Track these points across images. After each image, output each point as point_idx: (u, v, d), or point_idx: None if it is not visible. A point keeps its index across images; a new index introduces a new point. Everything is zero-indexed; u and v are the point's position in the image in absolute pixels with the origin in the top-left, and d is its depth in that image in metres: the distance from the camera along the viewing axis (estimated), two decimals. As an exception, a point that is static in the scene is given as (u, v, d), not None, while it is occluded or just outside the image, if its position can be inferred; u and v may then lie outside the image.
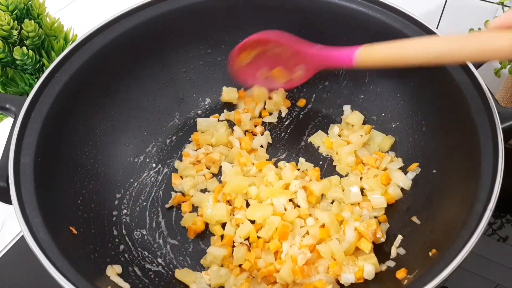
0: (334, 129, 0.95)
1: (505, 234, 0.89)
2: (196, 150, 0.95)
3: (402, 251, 0.77)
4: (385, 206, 0.84)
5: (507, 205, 0.93)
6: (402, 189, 0.85)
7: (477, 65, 0.78)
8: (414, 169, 0.86)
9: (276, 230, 0.80)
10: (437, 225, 0.74)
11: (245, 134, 0.96)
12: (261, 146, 0.94)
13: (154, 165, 0.93)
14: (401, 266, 0.73)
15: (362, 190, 0.86)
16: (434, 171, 0.82)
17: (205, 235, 0.84)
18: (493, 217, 0.87)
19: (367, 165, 0.90)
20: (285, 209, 0.83)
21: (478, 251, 0.85)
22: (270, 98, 1.01)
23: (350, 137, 0.92)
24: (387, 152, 0.92)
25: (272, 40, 0.86)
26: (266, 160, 0.92)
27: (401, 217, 0.82)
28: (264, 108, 1.00)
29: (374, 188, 0.85)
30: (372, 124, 0.95)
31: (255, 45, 0.87)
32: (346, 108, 0.98)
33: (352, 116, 0.96)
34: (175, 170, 0.93)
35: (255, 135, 0.96)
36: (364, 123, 0.96)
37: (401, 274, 0.71)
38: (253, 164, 0.90)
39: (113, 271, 0.73)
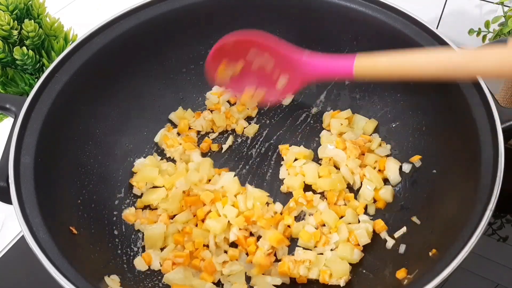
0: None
1: (505, 234, 0.89)
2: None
3: (402, 248, 0.77)
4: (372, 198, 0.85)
5: (507, 205, 0.93)
6: (400, 190, 0.86)
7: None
8: (416, 161, 0.86)
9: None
10: (437, 225, 0.74)
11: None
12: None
13: (154, 165, 0.93)
14: (401, 266, 0.73)
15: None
16: (434, 171, 0.82)
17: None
18: (493, 217, 0.87)
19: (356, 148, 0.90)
20: None
21: (478, 251, 0.85)
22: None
23: (331, 123, 0.95)
24: (371, 135, 0.94)
25: (253, 41, 0.77)
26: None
27: (401, 217, 0.82)
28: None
29: (372, 180, 0.86)
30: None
31: (233, 51, 0.79)
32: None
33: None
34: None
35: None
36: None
37: (401, 274, 0.71)
38: (180, 144, 0.93)
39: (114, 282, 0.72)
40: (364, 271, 0.77)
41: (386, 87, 0.93)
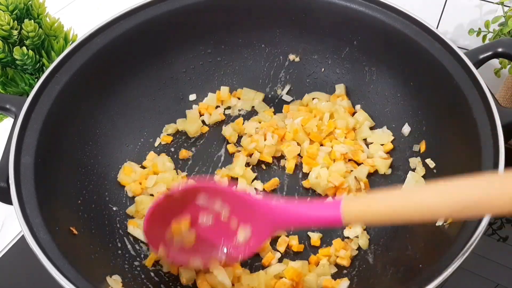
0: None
1: (505, 234, 0.89)
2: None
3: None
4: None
5: (507, 205, 0.93)
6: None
7: (477, 65, 0.78)
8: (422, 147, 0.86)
9: None
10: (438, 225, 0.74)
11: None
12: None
13: (154, 165, 0.93)
14: (401, 261, 0.74)
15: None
16: (435, 171, 0.82)
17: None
18: (493, 217, 0.87)
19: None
20: None
21: (478, 251, 0.85)
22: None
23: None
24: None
25: (205, 187, 0.65)
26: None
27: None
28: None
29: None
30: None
31: (176, 206, 0.65)
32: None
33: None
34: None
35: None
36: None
37: None
38: None
39: (115, 282, 0.71)
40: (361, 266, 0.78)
41: (386, 87, 0.93)
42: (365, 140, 0.93)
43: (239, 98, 1.01)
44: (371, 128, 0.94)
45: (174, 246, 0.68)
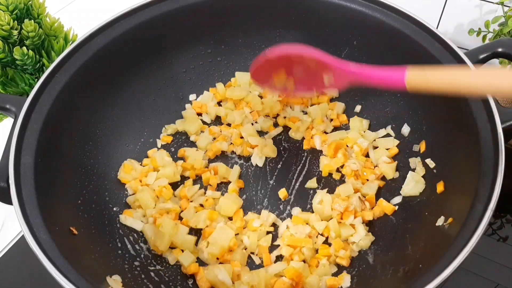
0: None
1: (505, 234, 0.89)
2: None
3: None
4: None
5: (507, 205, 0.93)
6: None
7: (477, 65, 0.78)
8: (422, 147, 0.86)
9: None
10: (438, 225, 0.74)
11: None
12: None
13: (154, 165, 0.93)
14: (401, 261, 0.74)
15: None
16: (435, 171, 0.82)
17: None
18: (493, 217, 0.86)
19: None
20: None
21: (478, 251, 0.85)
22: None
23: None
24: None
25: (299, 54, 0.77)
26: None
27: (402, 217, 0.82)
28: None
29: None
30: (372, 123, 0.95)
31: (277, 63, 0.79)
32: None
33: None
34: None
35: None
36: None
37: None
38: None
39: (115, 282, 0.71)
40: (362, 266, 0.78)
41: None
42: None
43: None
44: (373, 129, 0.95)
45: (277, 87, 0.84)
